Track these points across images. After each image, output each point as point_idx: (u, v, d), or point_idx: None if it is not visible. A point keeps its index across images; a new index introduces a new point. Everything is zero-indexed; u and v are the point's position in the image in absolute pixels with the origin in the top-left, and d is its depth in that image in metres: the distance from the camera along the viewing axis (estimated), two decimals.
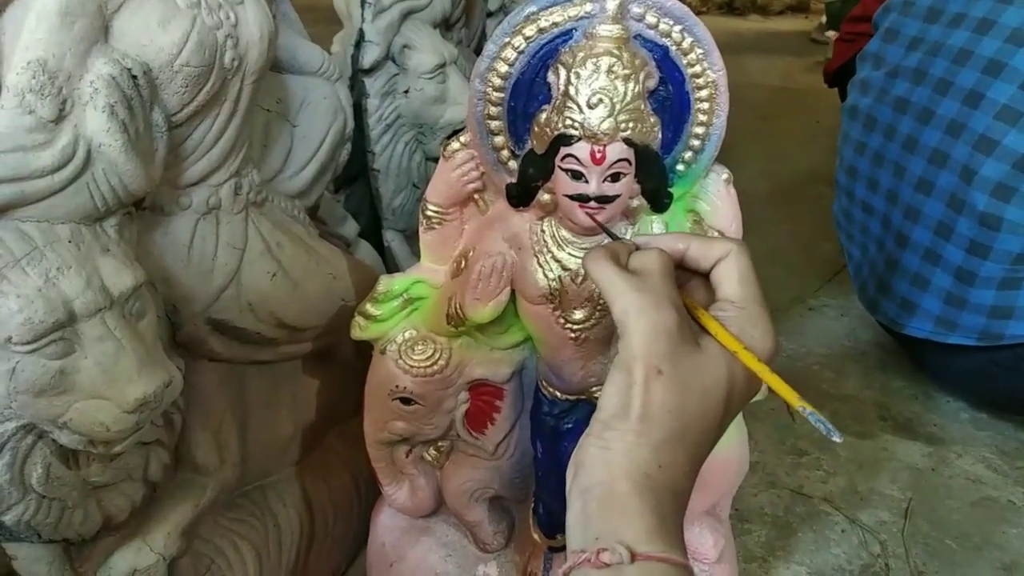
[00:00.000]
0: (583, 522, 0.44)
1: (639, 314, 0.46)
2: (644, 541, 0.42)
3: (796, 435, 1.25)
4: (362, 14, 1.10)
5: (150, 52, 0.58)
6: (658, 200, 0.66)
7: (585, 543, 0.43)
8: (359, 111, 1.13)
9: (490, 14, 1.53)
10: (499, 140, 0.65)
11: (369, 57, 1.08)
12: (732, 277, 0.49)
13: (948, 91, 1.15)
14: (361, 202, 1.26)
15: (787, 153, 2.50)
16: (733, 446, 0.83)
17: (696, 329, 0.48)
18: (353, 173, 1.22)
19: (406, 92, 1.14)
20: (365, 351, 0.79)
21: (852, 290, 1.63)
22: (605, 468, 0.45)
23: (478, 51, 1.48)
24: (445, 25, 1.23)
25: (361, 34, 1.10)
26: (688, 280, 0.53)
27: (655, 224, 0.69)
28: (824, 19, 4.05)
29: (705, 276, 0.52)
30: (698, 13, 0.62)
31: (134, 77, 0.56)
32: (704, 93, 0.64)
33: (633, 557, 0.41)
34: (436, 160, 1.23)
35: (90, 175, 0.55)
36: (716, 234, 0.71)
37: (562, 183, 0.63)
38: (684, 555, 0.43)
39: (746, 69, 3.46)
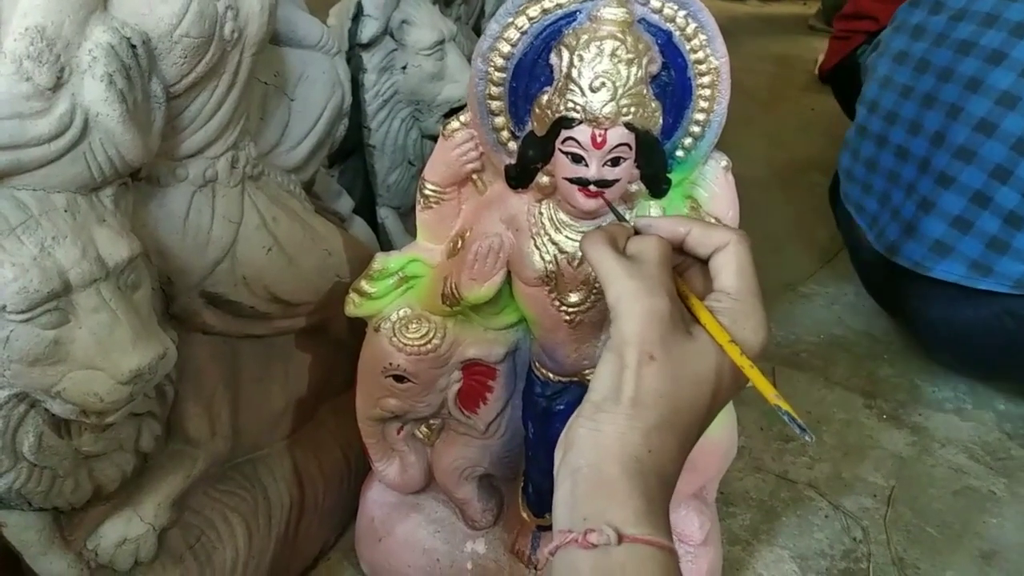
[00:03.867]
0: (571, 502, 0.45)
1: (633, 300, 0.46)
2: (632, 523, 0.42)
3: (783, 421, 1.26)
4: None
5: (149, 21, 0.57)
6: (657, 185, 0.66)
7: (572, 523, 0.43)
8: (356, 86, 1.12)
9: None
10: (499, 121, 0.65)
11: (367, 32, 1.07)
12: (730, 268, 0.49)
13: None
14: (355, 178, 1.25)
15: (782, 139, 2.50)
16: (722, 430, 0.83)
17: (689, 317, 0.49)
18: (348, 148, 1.21)
19: (404, 68, 1.13)
20: (358, 327, 0.79)
21: (843, 278, 1.65)
22: (595, 450, 0.45)
23: (477, 28, 1.47)
24: (444, 1, 1.22)
25: (359, 8, 1.09)
26: (689, 267, 0.53)
27: (653, 209, 0.69)
28: (821, 6, 4.03)
29: (704, 263, 0.52)
30: None
31: (133, 46, 0.55)
32: (706, 80, 0.64)
33: (620, 539, 0.41)
34: (432, 137, 1.24)
35: (87, 144, 0.55)
36: (713, 221, 0.71)
37: (562, 166, 0.63)
38: (670, 539, 0.43)
39: (743, 53, 3.44)
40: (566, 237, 0.68)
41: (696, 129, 0.66)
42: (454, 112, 1.20)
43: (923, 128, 1.29)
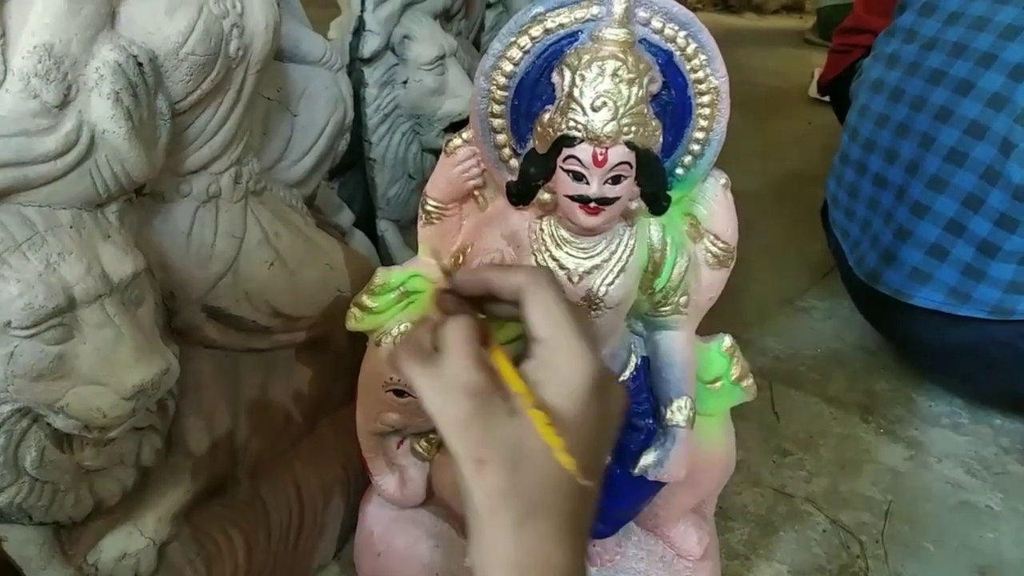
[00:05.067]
0: None
1: (439, 414, 0.45)
2: None
3: (780, 435, 1.27)
4: (362, 2, 1.10)
5: (156, 40, 0.57)
6: (657, 203, 0.67)
7: None
8: (356, 100, 1.12)
9: (489, 5, 1.53)
10: (501, 138, 0.66)
11: (369, 47, 1.08)
12: (534, 314, 0.48)
13: (992, 64, 1.17)
14: (355, 190, 1.26)
15: (779, 153, 2.51)
16: (721, 445, 0.84)
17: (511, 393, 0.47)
18: (348, 162, 1.21)
19: (405, 83, 1.14)
20: (358, 340, 0.79)
21: (840, 292, 1.65)
22: (480, 566, 0.44)
23: (476, 42, 1.48)
24: (445, 16, 1.23)
25: (361, 22, 1.10)
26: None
27: (652, 226, 0.70)
28: (816, 20, 4.06)
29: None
30: (694, 10, 0.62)
31: (140, 64, 0.56)
32: (706, 99, 0.65)
33: None
34: (432, 151, 1.25)
35: (93, 161, 0.55)
36: (712, 238, 0.72)
37: (563, 183, 0.63)
38: None
39: (740, 67, 3.45)
40: (567, 253, 0.68)
41: (696, 147, 0.67)
42: (454, 127, 1.21)
43: (899, 157, 1.30)
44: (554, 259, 0.68)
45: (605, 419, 0.47)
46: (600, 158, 0.61)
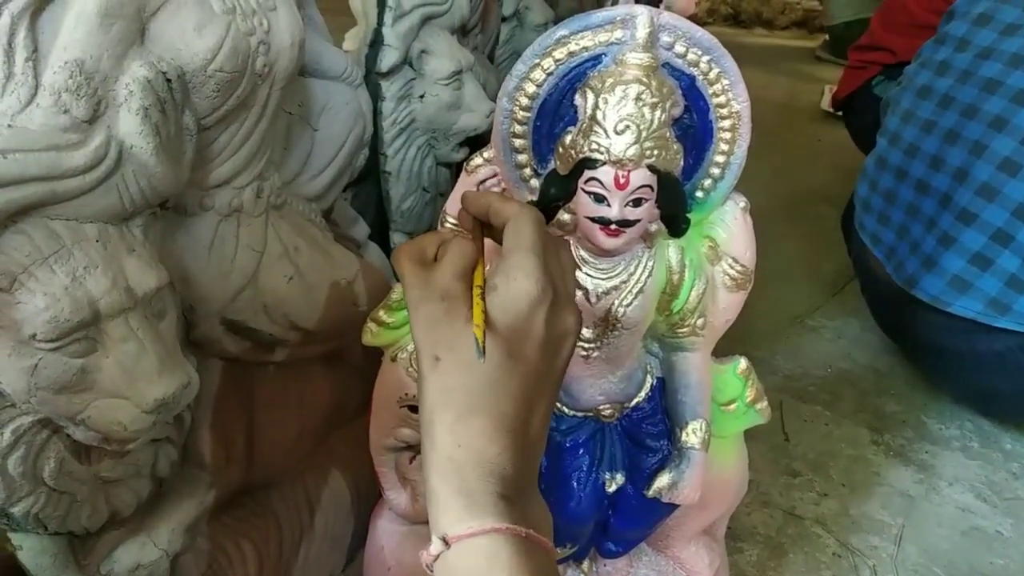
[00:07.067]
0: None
1: (412, 309, 0.50)
2: (454, 524, 0.44)
3: (790, 455, 1.27)
4: (380, 16, 1.10)
5: (185, 56, 0.58)
6: (676, 225, 0.67)
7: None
8: (373, 113, 1.13)
9: (504, 19, 1.54)
10: (522, 158, 0.66)
11: (387, 61, 1.08)
12: (508, 231, 0.51)
13: None
14: (367, 202, 1.26)
15: (788, 170, 2.51)
16: (734, 467, 0.84)
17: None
18: (361, 173, 1.22)
19: (421, 97, 1.15)
20: (372, 354, 0.80)
21: (850, 311, 1.65)
22: (425, 469, 0.47)
23: (491, 56, 1.49)
24: (462, 31, 1.24)
25: (378, 36, 1.10)
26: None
27: (671, 248, 0.70)
28: (827, 37, 4.07)
29: None
30: (704, 24, 0.63)
31: (168, 81, 0.56)
32: (727, 123, 0.65)
33: (449, 543, 0.44)
34: (447, 165, 1.25)
35: (120, 176, 0.55)
36: (730, 260, 0.72)
37: (584, 205, 0.63)
38: (506, 520, 0.44)
39: (749, 83, 3.46)
40: (586, 274, 0.68)
41: (716, 171, 0.67)
42: (470, 141, 1.21)
43: (945, 163, 1.30)
44: None
45: (549, 338, 0.50)
46: (622, 181, 0.61)
